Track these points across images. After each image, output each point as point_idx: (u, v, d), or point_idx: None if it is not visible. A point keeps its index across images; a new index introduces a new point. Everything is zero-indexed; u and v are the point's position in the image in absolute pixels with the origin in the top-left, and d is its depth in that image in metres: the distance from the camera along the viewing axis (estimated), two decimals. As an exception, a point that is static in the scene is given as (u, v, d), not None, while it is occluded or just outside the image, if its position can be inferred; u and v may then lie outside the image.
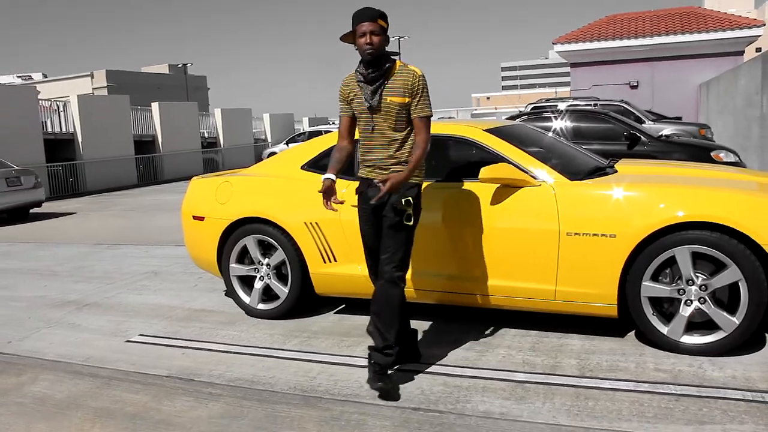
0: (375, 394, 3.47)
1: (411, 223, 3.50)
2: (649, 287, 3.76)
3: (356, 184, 3.75)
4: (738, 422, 2.92)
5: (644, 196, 3.76)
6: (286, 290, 4.87)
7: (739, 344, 3.64)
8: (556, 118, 10.19)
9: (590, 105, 13.91)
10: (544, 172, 4.09)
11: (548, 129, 9.27)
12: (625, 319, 4.06)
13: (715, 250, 3.56)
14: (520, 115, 12.14)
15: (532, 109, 14.51)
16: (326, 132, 28.99)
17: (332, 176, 3.60)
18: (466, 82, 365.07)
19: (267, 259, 4.95)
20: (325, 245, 4.66)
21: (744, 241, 3.53)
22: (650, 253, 3.70)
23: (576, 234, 3.87)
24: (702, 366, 3.57)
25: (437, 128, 4.59)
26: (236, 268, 5.07)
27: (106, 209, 14.55)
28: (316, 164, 4.93)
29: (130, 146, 21.97)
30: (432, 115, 3.55)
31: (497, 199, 4.11)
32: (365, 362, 3.88)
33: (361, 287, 4.56)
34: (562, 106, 14.38)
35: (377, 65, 3.48)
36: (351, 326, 4.68)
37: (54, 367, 4.24)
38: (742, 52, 23.27)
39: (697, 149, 8.99)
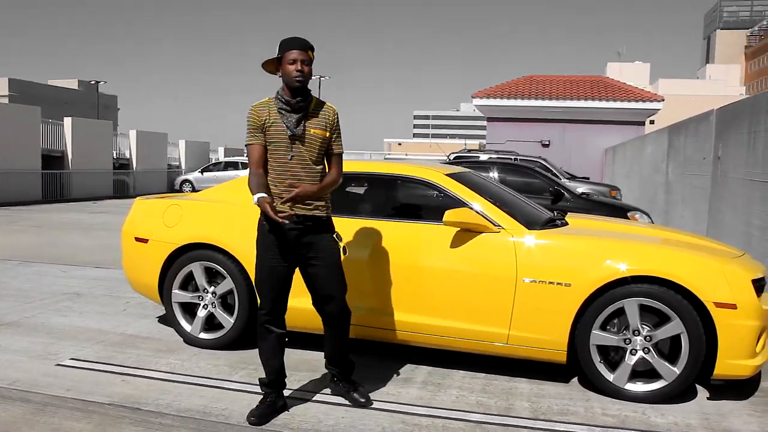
0: (336, 430, 3.44)
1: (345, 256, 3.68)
2: (598, 336, 3.96)
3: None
4: (687, 467, 3.11)
5: (599, 249, 3.99)
6: (232, 320, 4.75)
7: (678, 393, 3.88)
8: (483, 168, 10.55)
9: (510, 159, 14.53)
10: (503, 220, 4.25)
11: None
12: (571, 365, 4.23)
13: (661, 303, 3.81)
14: (449, 163, 12.49)
15: (454, 158, 14.97)
16: (243, 164, 28.63)
17: (265, 194, 3.42)
18: (378, 127, 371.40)
19: (213, 288, 4.82)
20: (278, 276, 4.59)
21: (687, 297, 3.80)
22: (601, 303, 3.91)
23: (532, 281, 4.03)
24: (645, 412, 3.77)
25: (399, 169, 4.70)
26: (179, 295, 4.90)
27: (11, 224, 13.65)
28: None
29: (38, 160, 20.83)
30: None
31: (457, 242, 4.23)
32: (320, 397, 3.92)
33: (311, 321, 4.50)
34: (483, 157, 14.96)
35: (304, 94, 3.53)
36: (298, 360, 4.60)
37: (-23, 390, 3.92)
38: (643, 123, 25.09)
39: (614, 209, 9.56)
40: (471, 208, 4.26)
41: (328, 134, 3.60)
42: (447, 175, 4.58)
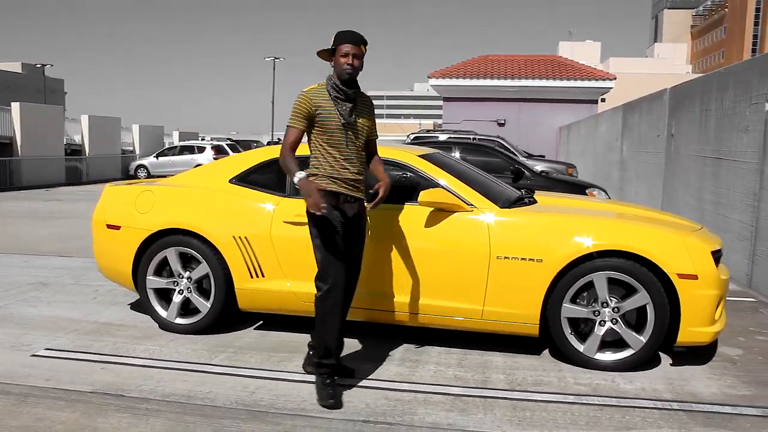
0: (320, 408, 3.53)
1: None
2: (569, 309, 4.13)
3: (288, 201, 3.77)
4: (656, 427, 3.32)
5: (569, 226, 4.15)
6: (208, 305, 4.78)
7: (644, 361, 4.09)
8: (443, 148, 10.68)
9: (469, 138, 14.71)
10: (475, 199, 4.37)
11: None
12: (543, 338, 4.41)
13: (628, 276, 4.00)
14: (410, 143, 12.58)
15: (414, 139, 15.08)
16: (199, 148, 28.22)
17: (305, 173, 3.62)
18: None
19: (188, 273, 4.83)
20: (254, 260, 4.64)
21: (651, 269, 4.00)
22: (572, 277, 4.08)
23: (505, 258, 4.17)
24: (615, 380, 3.97)
25: (372, 151, 4.76)
26: (154, 281, 4.90)
27: (-40, 214, 13.24)
28: (245, 179, 4.91)
29: (-16, 148, 20.17)
30: None
31: (431, 222, 4.33)
32: (301, 377, 3.99)
33: (289, 303, 4.60)
34: (443, 137, 15.10)
35: (356, 85, 3.73)
36: (277, 342, 4.67)
37: (-48, 383, 3.88)
38: (596, 101, 25.64)
39: (573, 186, 9.81)
40: (444, 189, 4.37)
41: (370, 122, 3.84)
42: (420, 156, 4.67)
